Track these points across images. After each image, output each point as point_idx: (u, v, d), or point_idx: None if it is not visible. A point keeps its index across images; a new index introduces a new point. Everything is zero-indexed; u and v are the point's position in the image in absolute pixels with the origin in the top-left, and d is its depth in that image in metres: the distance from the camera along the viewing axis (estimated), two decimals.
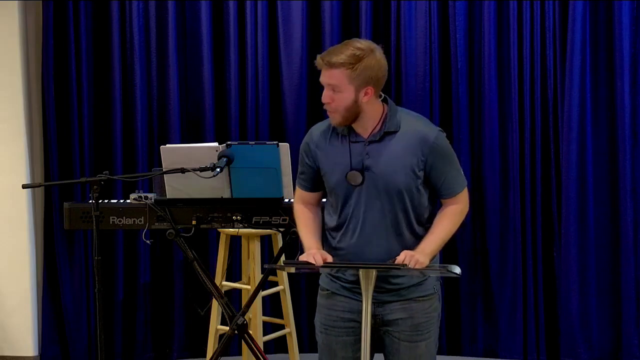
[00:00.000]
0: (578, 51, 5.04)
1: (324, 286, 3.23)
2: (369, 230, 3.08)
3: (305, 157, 3.20)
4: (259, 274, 4.58)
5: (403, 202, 3.07)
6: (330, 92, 3.05)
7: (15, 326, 5.32)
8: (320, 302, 3.25)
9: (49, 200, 5.31)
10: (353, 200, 3.09)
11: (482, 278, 5.29)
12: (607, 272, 5.14)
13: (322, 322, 3.22)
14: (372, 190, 3.06)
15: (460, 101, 5.21)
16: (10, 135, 5.26)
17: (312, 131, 3.23)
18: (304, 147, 3.22)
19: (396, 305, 3.12)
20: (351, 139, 3.10)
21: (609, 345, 5.17)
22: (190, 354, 5.41)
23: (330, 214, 3.18)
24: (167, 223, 4.05)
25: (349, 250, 3.10)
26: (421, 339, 3.15)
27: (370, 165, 3.07)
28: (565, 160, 5.10)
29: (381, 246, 3.07)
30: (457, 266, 3.01)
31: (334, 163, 3.11)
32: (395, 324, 3.13)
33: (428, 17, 5.19)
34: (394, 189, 3.06)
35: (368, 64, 3.02)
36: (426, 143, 3.07)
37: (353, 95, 3.04)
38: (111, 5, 5.26)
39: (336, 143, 3.13)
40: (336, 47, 3.07)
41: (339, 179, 3.09)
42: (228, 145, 3.93)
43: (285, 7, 5.27)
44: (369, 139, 3.09)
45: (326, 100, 3.07)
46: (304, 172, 3.23)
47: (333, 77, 3.03)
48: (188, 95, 5.37)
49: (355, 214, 3.09)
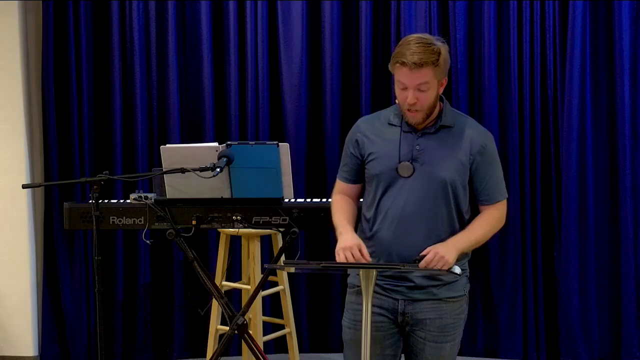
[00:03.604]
0: (578, 51, 5.04)
1: (355, 283, 3.21)
2: (408, 221, 3.08)
3: (350, 148, 3.22)
4: (259, 274, 4.58)
5: (446, 196, 3.09)
6: (417, 92, 3.03)
7: (15, 326, 5.32)
8: (349, 300, 3.25)
9: (49, 200, 5.31)
10: (396, 189, 3.10)
11: (482, 278, 5.29)
12: (607, 272, 5.15)
13: (351, 319, 3.21)
14: (419, 181, 3.08)
15: (460, 101, 5.21)
16: (10, 135, 5.26)
17: (359, 123, 3.26)
18: (349, 137, 3.24)
19: (427, 304, 3.13)
20: (403, 128, 3.12)
21: (609, 345, 5.17)
22: (190, 354, 5.41)
23: (368, 204, 3.18)
24: (167, 223, 4.04)
25: (385, 239, 3.10)
26: (447, 340, 3.16)
27: (419, 156, 3.08)
28: (565, 160, 5.10)
29: (418, 239, 3.07)
30: (457, 266, 3.02)
31: (382, 150, 3.12)
32: (424, 324, 3.13)
33: (428, 17, 5.19)
34: (440, 181, 3.07)
35: (445, 56, 3.07)
36: (477, 143, 3.12)
37: (436, 90, 3.08)
38: (111, 5, 5.26)
39: (386, 131, 3.15)
40: (408, 47, 3.03)
41: (385, 167, 3.11)
42: (228, 145, 3.93)
43: (285, 7, 5.27)
44: (423, 130, 3.11)
45: (413, 101, 3.04)
46: (347, 164, 3.25)
47: (423, 76, 3.02)
48: (188, 95, 5.37)
49: (396, 204, 3.09)
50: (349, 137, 3.26)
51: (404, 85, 3.04)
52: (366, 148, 3.17)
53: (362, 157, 3.19)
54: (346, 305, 3.28)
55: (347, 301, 3.27)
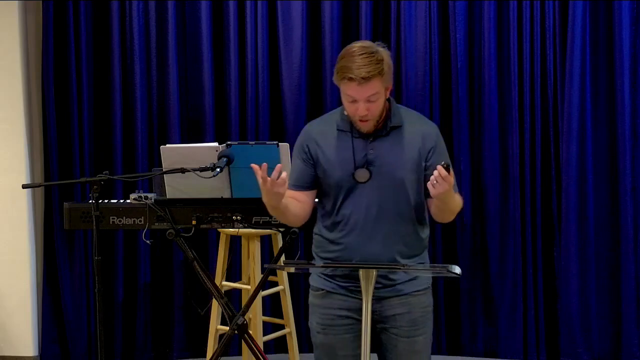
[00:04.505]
0: (578, 51, 5.04)
1: (318, 286, 3.22)
2: (371, 225, 3.08)
3: (301, 154, 3.18)
4: (259, 274, 4.58)
5: (406, 195, 3.09)
6: (367, 103, 3.02)
7: (15, 326, 5.32)
8: (314, 303, 3.24)
9: (49, 200, 5.31)
10: (356, 195, 3.10)
11: (482, 278, 5.29)
12: (607, 272, 5.14)
13: (318, 323, 3.21)
14: (377, 184, 3.08)
15: (460, 101, 5.21)
16: (10, 135, 5.26)
17: (308, 130, 3.23)
18: (300, 144, 3.20)
19: (394, 300, 3.13)
20: (354, 134, 3.11)
21: (609, 345, 5.17)
22: (190, 354, 5.41)
23: (326, 213, 3.17)
24: (167, 223, 4.04)
25: (349, 245, 3.10)
26: (419, 334, 3.17)
27: (374, 160, 3.08)
28: (565, 160, 5.10)
29: (382, 241, 3.08)
30: (457, 266, 3.01)
31: (336, 160, 3.11)
32: (393, 320, 3.14)
33: (428, 17, 5.19)
34: (398, 182, 3.08)
35: (388, 62, 3.06)
36: (429, 138, 3.13)
37: (384, 97, 3.07)
38: (111, 5, 5.26)
39: (337, 139, 3.13)
40: (352, 59, 3.00)
41: (342, 175, 3.10)
42: (228, 145, 3.93)
43: (285, 7, 5.27)
44: (375, 133, 3.10)
45: (364, 113, 3.03)
46: (298, 171, 3.20)
47: (372, 88, 3.01)
48: (188, 95, 5.37)
49: (358, 209, 3.09)
50: (299, 144, 3.20)
51: (353, 98, 3.03)
52: (319, 157, 3.14)
53: (315, 165, 3.15)
54: (311, 307, 3.26)
55: (312, 304, 3.25)
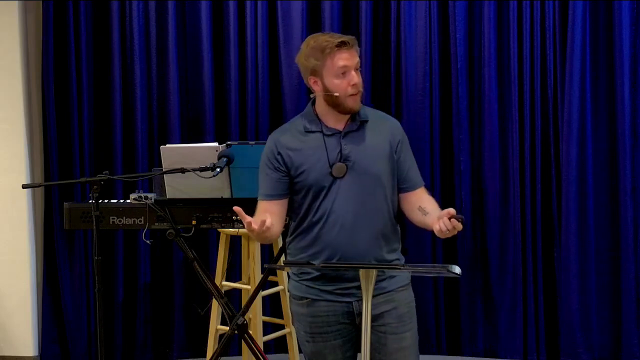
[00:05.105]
0: (578, 51, 5.04)
1: (301, 294, 3.18)
2: (351, 220, 3.07)
3: (272, 163, 3.14)
4: (259, 274, 4.58)
5: (383, 188, 3.11)
6: (358, 72, 3.09)
7: (15, 326, 5.32)
8: (299, 312, 3.21)
9: (49, 200, 5.31)
10: (333, 192, 3.09)
11: (482, 278, 5.29)
12: (607, 272, 5.14)
13: (306, 332, 3.19)
14: (354, 179, 3.08)
15: (460, 101, 5.21)
16: (10, 135, 5.26)
17: (276, 137, 3.18)
18: (269, 153, 3.16)
19: (379, 298, 3.12)
20: (325, 132, 3.11)
21: (609, 345, 5.17)
22: (190, 354, 5.41)
23: (304, 212, 3.14)
24: (167, 223, 4.04)
25: (330, 241, 3.09)
26: (407, 330, 3.17)
27: (349, 155, 3.09)
28: (565, 160, 5.09)
29: (363, 236, 3.08)
30: (457, 266, 3.01)
31: (311, 160, 3.10)
32: (381, 317, 3.13)
33: (428, 17, 5.19)
34: (374, 175, 3.09)
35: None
36: (396, 131, 3.18)
37: None
38: (111, 5, 5.26)
39: (308, 140, 3.12)
40: (326, 34, 3.11)
41: (318, 174, 3.08)
42: (228, 145, 3.93)
43: (285, 7, 5.27)
44: (346, 129, 3.11)
45: (358, 79, 3.07)
46: (269, 180, 3.16)
47: (357, 55, 3.09)
48: (188, 95, 5.37)
49: (337, 205, 3.08)
50: (268, 154, 3.16)
51: (345, 68, 3.05)
52: (293, 161, 3.11)
53: (289, 171, 3.12)
54: (296, 316, 3.23)
55: (297, 313, 3.22)
